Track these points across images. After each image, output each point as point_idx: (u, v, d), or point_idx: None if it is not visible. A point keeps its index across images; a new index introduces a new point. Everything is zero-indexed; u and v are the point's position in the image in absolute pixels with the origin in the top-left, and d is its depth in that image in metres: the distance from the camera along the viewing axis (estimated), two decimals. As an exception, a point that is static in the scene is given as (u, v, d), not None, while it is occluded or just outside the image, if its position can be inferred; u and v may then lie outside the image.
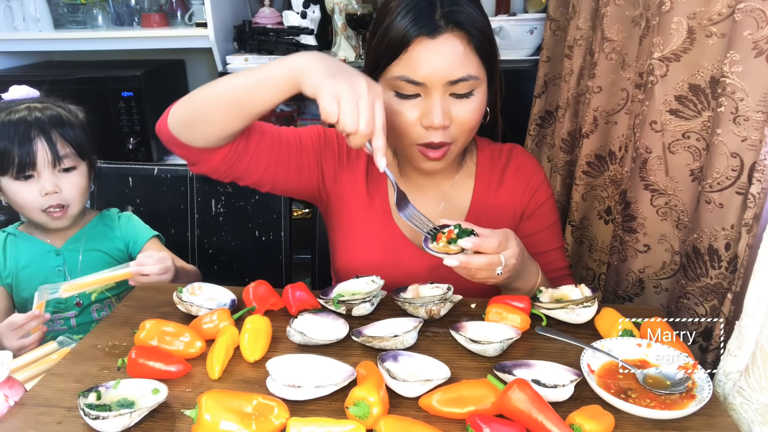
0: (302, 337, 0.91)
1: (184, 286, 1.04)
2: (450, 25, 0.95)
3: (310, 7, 2.15)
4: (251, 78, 0.92)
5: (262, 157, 1.05)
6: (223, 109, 0.94)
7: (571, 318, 0.98)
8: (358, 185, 1.15)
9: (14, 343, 1.12)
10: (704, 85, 1.13)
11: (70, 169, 1.25)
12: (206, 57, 2.35)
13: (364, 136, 0.85)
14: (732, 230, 1.08)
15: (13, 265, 1.30)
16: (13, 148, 1.18)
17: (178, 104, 0.98)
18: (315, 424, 0.72)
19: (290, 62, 0.89)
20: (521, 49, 2.00)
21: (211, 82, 0.97)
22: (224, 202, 1.61)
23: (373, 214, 1.15)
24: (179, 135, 0.97)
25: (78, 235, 1.34)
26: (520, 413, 0.73)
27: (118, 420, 0.73)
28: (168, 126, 0.98)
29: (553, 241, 1.18)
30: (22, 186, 1.22)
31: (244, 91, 0.92)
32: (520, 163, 1.16)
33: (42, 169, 1.21)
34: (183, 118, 0.97)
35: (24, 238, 1.33)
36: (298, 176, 1.11)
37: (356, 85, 0.84)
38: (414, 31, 0.94)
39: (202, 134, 0.97)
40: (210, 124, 0.95)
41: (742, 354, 0.84)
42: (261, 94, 0.91)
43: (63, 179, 1.24)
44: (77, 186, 1.27)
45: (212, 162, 1.01)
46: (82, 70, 2.17)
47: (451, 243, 0.90)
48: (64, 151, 1.23)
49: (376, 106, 0.86)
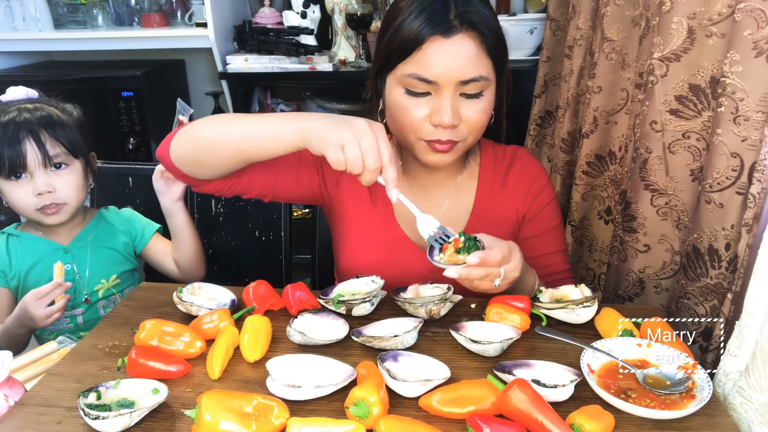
0: (302, 337, 0.91)
1: (184, 286, 1.05)
2: (464, 25, 0.95)
3: (310, 7, 2.15)
4: (258, 131, 0.95)
5: (260, 176, 1.08)
6: (226, 154, 0.98)
7: (571, 318, 0.98)
8: (360, 187, 1.15)
9: (41, 312, 1.16)
10: (704, 85, 1.13)
11: (62, 168, 1.25)
12: (206, 57, 2.35)
13: (373, 172, 0.87)
14: (732, 230, 1.08)
15: (20, 266, 1.30)
16: (2, 150, 1.19)
17: (181, 138, 1.01)
18: (315, 424, 0.72)
19: (298, 124, 0.92)
20: (521, 49, 2.00)
21: (216, 119, 1.01)
22: (224, 202, 1.61)
23: (376, 215, 1.15)
24: (181, 167, 1.02)
25: (83, 233, 1.34)
26: (520, 413, 0.73)
27: (118, 420, 0.73)
28: (170, 157, 1.02)
29: (555, 244, 1.18)
30: (14, 186, 1.22)
31: (250, 144, 0.96)
32: (524, 165, 1.16)
33: (34, 170, 1.21)
34: (185, 155, 1.01)
35: (27, 237, 1.33)
36: (297, 186, 1.13)
37: (357, 129, 0.86)
38: (428, 30, 0.95)
39: (204, 171, 1.02)
40: (212, 164, 1.00)
41: (742, 354, 0.84)
42: (266, 149, 0.96)
43: (56, 178, 1.24)
44: (71, 184, 1.26)
45: (212, 186, 1.06)
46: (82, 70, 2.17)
47: (459, 252, 0.90)
48: (55, 150, 1.23)
49: (380, 142, 0.87)
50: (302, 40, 2.07)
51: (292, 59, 2.07)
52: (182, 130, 1.01)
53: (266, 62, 2.08)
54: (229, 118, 1.00)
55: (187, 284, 1.06)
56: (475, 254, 0.88)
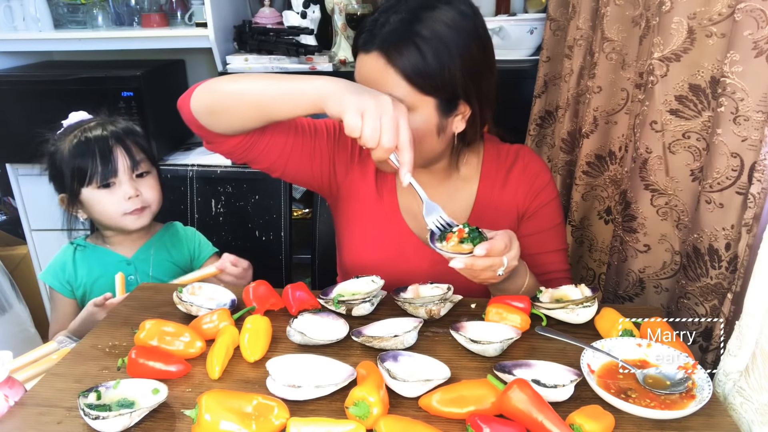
0: (302, 337, 0.92)
1: (184, 286, 1.05)
2: (380, 43, 0.96)
3: (310, 7, 2.15)
4: (278, 86, 0.95)
5: (277, 145, 1.08)
6: (244, 108, 0.98)
7: (571, 318, 0.98)
8: (368, 180, 1.16)
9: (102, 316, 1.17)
10: (704, 85, 1.13)
11: (144, 174, 1.32)
12: (206, 57, 2.35)
13: (386, 151, 0.86)
14: (732, 230, 1.08)
15: (85, 277, 1.35)
16: (94, 162, 1.25)
17: (203, 89, 1.01)
18: (315, 424, 0.72)
19: (317, 84, 0.92)
20: (521, 49, 2.00)
21: (237, 75, 1.02)
22: (224, 202, 1.61)
23: (381, 209, 1.15)
24: (199, 118, 1.01)
25: (147, 245, 1.38)
26: (520, 413, 0.73)
27: (118, 420, 0.73)
28: (190, 107, 1.01)
29: (554, 243, 1.17)
30: (104, 194, 1.28)
31: (268, 98, 0.96)
32: (527, 164, 1.16)
33: (122, 176, 1.28)
34: (205, 106, 1.00)
35: (94, 249, 1.37)
36: (309, 166, 1.13)
37: (381, 102, 0.86)
38: (358, 43, 0.99)
39: (221, 123, 1.01)
40: (230, 117, 1.00)
41: (742, 354, 0.84)
42: (283, 104, 0.95)
43: (141, 183, 1.31)
44: (153, 188, 1.34)
45: (228, 144, 1.05)
46: (82, 70, 2.16)
47: (463, 242, 0.91)
48: (140, 156, 1.31)
49: (401, 122, 0.87)
50: (302, 40, 2.07)
51: (292, 59, 2.07)
52: (204, 84, 1.01)
53: (266, 62, 2.08)
54: (251, 75, 1.01)
55: (186, 284, 1.06)
56: (481, 245, 0.88)
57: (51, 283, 1.35)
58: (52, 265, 1.36)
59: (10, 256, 2.41)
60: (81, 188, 1.27)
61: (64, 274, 1.35)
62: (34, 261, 2.39)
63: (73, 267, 1.35)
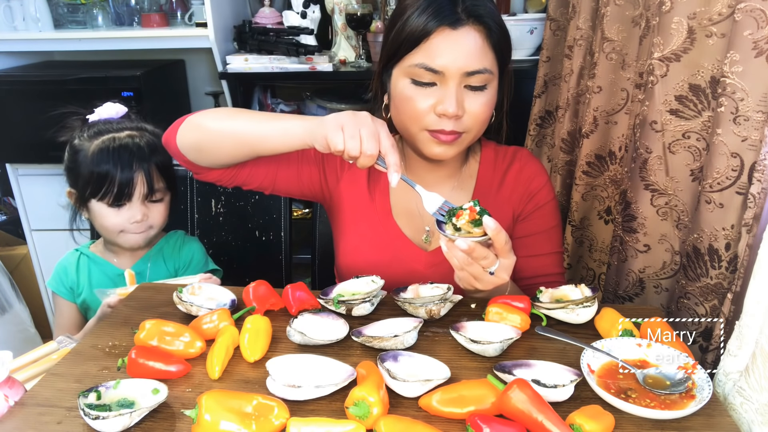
0: (302, 337, 0.92)
1: (184, 286, 1.05)
2: (471, 18, 0.98)
3: (310, 7, 2.15)
4: (267, 127, 0.98)
5: (261, 168, 1.10)
6: (232, 145, 1.01)
7: (571, 318, 0.98)
8: (360, 185, 1.16)
9: None
10: (704, 85, 1.13)
11: (158, 201, 1.33)
12: (206, 57, 2.35)
13: (369, 158, 0.89)
14: (732, 230, 1.08)
15: (86, 285, 1.36)
16: (113, 183, 1.25)
17: (189, 126, 1.03)
18: (315, 424, 0.72)
19: (306, 122, 0.95)
20: (521, 49, 2.00)
21: (224, 111, 1.04)
22: (224, 202, 1.61)
23: (374, 213, 1.15)
24: (187, 154, 1.05)
25: (146, 257, 1.39)
26: (520, 413, 0.73)
27: (118, 420, 0.73)
28: (176, 143, 1.05)
29: (549, 245, 1.17)
30: (112, 212, 1.29)
31: (257, 138, 0.99)
32: (523, 165, 1.16)
33: (135, 200, 1.28)
34: (192, 143, 1.03)
35: (96, 260, 1.38)
36: (297, 181, 1.15)
37: (359, 116, 0.90)
38: (436, 21, 0.97)
39: (208, 159, 1.05)
40: (218, 154, 1.03)
41: (742, 354, 0.84)
42: (273, 143, 0.98)
43: (151, 207, 1.32)
44: (161, 213, 1.34)
45: (213, 175, 1.08)
46: (82, 70, 2.16)
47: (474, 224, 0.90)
48: (158, 185, 1.31)
49: (381, 132, 0.90)
50: (302, 40, 2.07)
51: (292, 59, 2.07)
52: (190, 119, 1.03)
53: (266, 62, 2.08)
54: (236, 112, 1.03)
55: (186, 284, 1.06)
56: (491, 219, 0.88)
57: (56, 289, 1.36)
58: (57, 270, 1.37)
59: (10, 256, 2.41)
60: (92, 198, 1.27)
61: (67, 278, 1.36)
62: (34, 261, 2.40)
63: (75, 273, 1.36)
